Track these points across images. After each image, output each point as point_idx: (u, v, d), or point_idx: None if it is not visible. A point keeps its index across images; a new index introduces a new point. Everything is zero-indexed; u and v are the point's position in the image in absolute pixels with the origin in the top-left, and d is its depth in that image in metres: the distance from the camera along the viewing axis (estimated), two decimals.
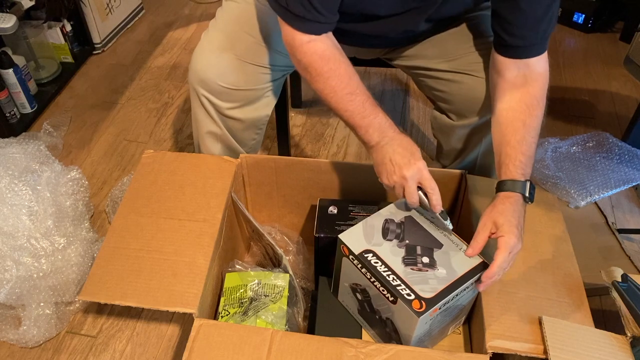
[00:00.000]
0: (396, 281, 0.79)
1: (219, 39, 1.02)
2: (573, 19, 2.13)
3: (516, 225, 0.78)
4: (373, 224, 0.87)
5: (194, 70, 1.01)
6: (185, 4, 2.30)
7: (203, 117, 1.06)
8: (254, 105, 1.05)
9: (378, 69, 1.86)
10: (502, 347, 0.77)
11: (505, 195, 0.81)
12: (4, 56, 1.52)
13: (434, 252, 0.84)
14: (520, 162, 0.83)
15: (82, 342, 1.11)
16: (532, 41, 0.84)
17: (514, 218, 0.79)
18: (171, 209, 0.96)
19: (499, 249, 0.77)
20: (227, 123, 1.07)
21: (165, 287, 0.84)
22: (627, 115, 1.68)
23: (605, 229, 1.34)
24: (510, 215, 0.79)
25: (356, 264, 0.84)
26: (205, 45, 1.02)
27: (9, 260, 1.07)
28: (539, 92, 0.86)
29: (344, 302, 0.95)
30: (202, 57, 1.01)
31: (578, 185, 1.41)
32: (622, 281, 0.85)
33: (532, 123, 0.85)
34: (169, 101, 1.76)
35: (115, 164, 1.53)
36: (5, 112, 1.55)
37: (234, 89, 1.00)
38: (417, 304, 0.76)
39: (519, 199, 0.81)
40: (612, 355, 0.76)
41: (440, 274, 0.80)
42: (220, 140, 1.10)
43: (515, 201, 0.81)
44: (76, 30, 1.87)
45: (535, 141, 0.85)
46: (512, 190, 0.81)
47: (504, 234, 0.77)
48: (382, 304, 0.82)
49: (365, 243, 0.84)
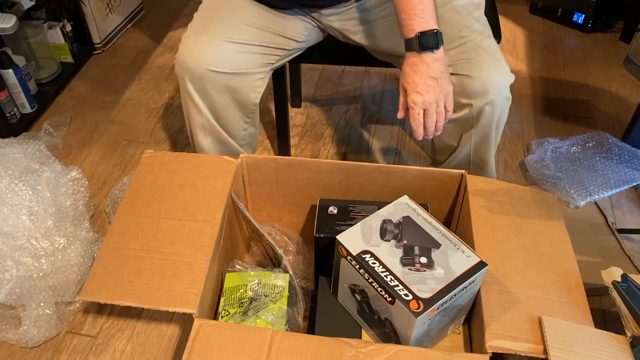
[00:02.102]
0: (394, 282, 0.79)
1: (196, 24, 1.06)
2: (573, 19, 2.13)
3: (421, 82, 0.87)
4: (371, 225, 0.88)
5: (177, 58, 1.04)
6: (185, 4, 2.30)
7: (191, 109, 1.08)
8: (237, 88, 1.07)
9: (378, 69, 1.86)
10: (502, 347, 0.77)
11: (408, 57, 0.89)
12: (4, 56, 1.52)
13: (432, 252, 0.84)
14: (403, 20, 0.88)
15: (82, 342, 1.11)
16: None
17: (419, 77, 0.87)
18: (171, 209, 0.96)
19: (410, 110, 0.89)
20: (216, 111, 1.08)
21: (165, 287, 0.84)
22: (627, 115, 1.68)
23: (605, 229, 1.34)
24: (414, 76, 0.88)
25: (354, 265, 0.84)
26: (187, 33, 1.05)
27: (9, 260, 1.07)
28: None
29: (344, 302, 0.95)
30: (183, 44, 1.04)
31: (578, 185, 1.41)
32: (622, 281, 0.85)
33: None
34: (169, 101, 1.76)
35: (115, 164, 1.53)
36: (5, 112, 1.55)
37: (215, 71, 1.02)
38: (415, 305, 0.76)
39: (415, 55, 0.88)
40: (612, 355, 0.76)
41: (438, 274, 0.80)
42: (210, 132, 1.11)
43: (417, 60, 0.88)
44: (76, 30, 1.87)
45: None
46: (410, 50, 0.89)
47: (408, 97, 0.88)
48: (381, 304, 0.82)
49: (363, 244, 0.84)
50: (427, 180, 1.05)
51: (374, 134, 1.65)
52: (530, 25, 2.17)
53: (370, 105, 1.77)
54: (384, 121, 1.70)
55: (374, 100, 1.79)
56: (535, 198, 1.01)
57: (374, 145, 1.61)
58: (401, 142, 1.62)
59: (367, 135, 1.64)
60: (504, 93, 0.99)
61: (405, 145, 1.61)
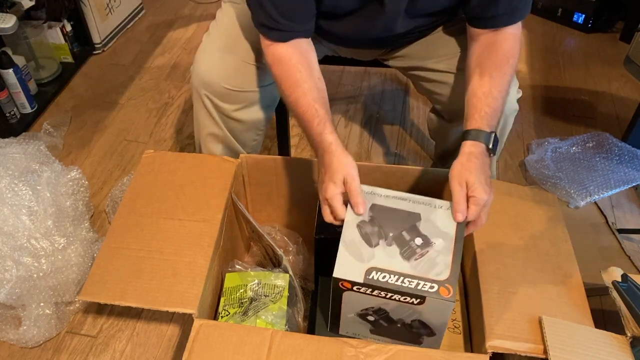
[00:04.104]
0: (412, 282, 0.76)
1: (221, 40, 1.02)
2: (573, 19, 2.13)
3: (484, 181, 0.79)
4: (352, 240, 0.80)
5: (197, 72, 1.01)
6: (185, 4, 2.30)
7: (205, 118, 1.07)
8: (256, 107, 1.06)
9: (378, 69, 1.86)
10: (502, 347, 0.77)
11: (470, 147, 0.82)
12: (4, 56, 1.52)
13: (419, 227, 0.80)
14: (485, 114, 0.84)
15: (82, 342, 1.11)
16: (496, 12, 0.87)
17: (482, 174, 0.80)
18: (171, 209, 0.96)
19: (471, 206, 0.78)
20: (229, 125, 1.07)
21: (165, 288, 0.84)
22: (627, 115, 1.68)
23: (605, 229, 1.34)
24: (479, 172, 0.80)
25: (364, 292, 0.78)
26: (208, 47, 1.03)
27: (9, 260, 1.07)
28: (508, 50, 0.88)
29: (349, 332, 0.89)
30: (205, 59, 1.01)
31: (578, 185, 1.41)
32: (622, 281, 0.85)
33: (499, 78, 0.86)
34: (169, 101, 1.76)
35: (115, 164, 1.53)
36: (5, 112, 1.55)
37: (238, 91, 1.01)
38: (445, 291, 0.74)
39: (483, 150, 0.82)
40: (612, 355, 0.76)
41: (439, 245, 0.78)
42: (222, 141, 1.10)
43: (480, 154, 0.82)
44: (76, 30, 1.87)
45: (502, 97, 0.86)
46: (477, 140, 0.82)
47: (475, 193, 0.78)
48: (405, 311, 0.79)
49: (360, 264, 0.77)
50: (427, 180, 1.05)
51: (374, 134, 1.65)
52: (530, 25, 2.17)
53: (370, 105, 1.77)
54: (384, 121, 1.70)
55: (374, 100, 1.78)
56: (535, 198, 1.01)
57: (374, 145, 1.61)
58: (401, 142, 1.62)
59: (367, 135, 1.64)
60: (512, 107, 1.00)
61: (405, 146, 1.61)
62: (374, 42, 1.06)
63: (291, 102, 0.87)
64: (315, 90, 0.86)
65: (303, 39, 0.90)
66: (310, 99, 0.85)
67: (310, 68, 0.88)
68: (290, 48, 0.88)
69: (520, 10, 0.88)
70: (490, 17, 0.88)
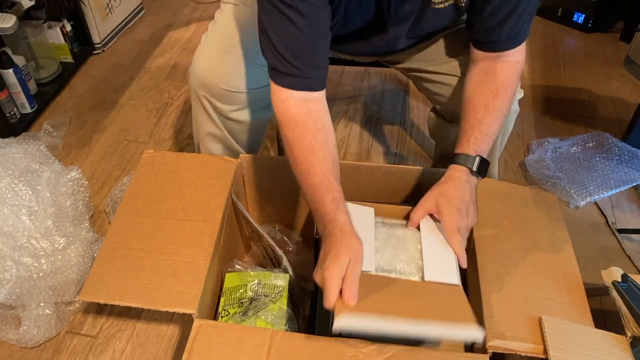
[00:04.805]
0: None
1: (220, 41, 1.02)
2: (573, 19, 2.13)
3: (456, 205, 0.81)
4: None
5: (195, 73, 1.01)
6: (185, 4, 2.30)
7: (204, 119, 1.06)
8: (255, 108, 1.05)
9: (378, 69, 1.85)
10: (502, 347, 0.77)
11: (453, 171, 0.85)
12: (4, 56, 1.52)
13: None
14: (474, 139, 0.85)
15: (82, 342, 1.11)
16: (498, 38, 0.87)
17: (455, 197, 0.81)
18: (171, 209, 0.96)
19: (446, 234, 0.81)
20: (229, 125, 1.07)
21: (165, 287, 0.84)
22: (627, 115, 1.68)
23: (605, 229, 1.34)
24: (451, 195, 0.82)
25: None
26: (206, 48, 1.02)
27: (9, 260, 1.07)
28: (506, 78, 0.89)
29: None
30: (203, 60, 1.01)
31: (578, 185, 1.41)
32: (622, 281, 0.85)
33: (496, 106, 0.87)
34: (169, 101, 1.76)
35: (115, 164, 1.53)
36: (5, 112, 1.55)
37: (236, 92, 1.00)
38: None
39: (465, 173, 0.84)
40: (612, 355, 0.76)
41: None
42: (221, 141, 1.10)
43: (460, 178, 0.84)
44: (76, 30, 1.87)
45: (497, 122, 0.87)
46: (462, 164, 0.85)
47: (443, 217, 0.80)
48: None
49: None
50: (427, 180, 1.04)
51: (374, 134, 1.65)
52: None
53: (370, 105, 1.77)
54: (384, 121, 1.70)
55: (374, 100, 1.78)
56: (535, 198, 1.01)
57: (374, 145, 1.61)
58: (401, 142, 1.62)
59: (367, 135, 1.64)
60: (513, 107, 1.00)
61: (405, 145, 1.61)
62: (375, 53, 1.07)
63: (303, 170, 0.80)
64: (330, 161, 0.80)
65: (318, 95, 0.82)
66: (325, 169, 0.79)
67: (326, 134, 0.81)
68: (305, 109, 0.81)
69: (522, 34, 0.88)
70: (493, 41, 0.88)
